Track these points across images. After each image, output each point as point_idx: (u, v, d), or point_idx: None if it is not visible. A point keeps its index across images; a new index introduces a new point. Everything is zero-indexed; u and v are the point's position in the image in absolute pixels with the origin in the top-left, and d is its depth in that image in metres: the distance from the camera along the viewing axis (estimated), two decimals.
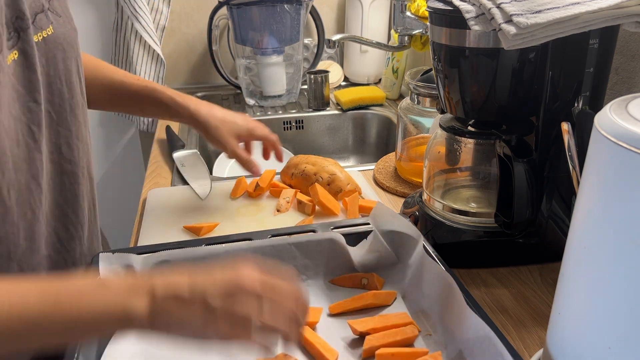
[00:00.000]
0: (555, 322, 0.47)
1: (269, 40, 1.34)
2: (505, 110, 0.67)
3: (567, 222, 0.68)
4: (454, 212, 0.74)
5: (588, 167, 0.42)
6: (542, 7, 0.53)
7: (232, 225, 0.84)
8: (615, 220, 0.38)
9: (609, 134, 0.38)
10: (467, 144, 0.75)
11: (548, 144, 0.67)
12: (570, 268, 0.45)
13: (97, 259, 0.60)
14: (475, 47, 0.63)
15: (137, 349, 0.56)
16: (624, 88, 0.76)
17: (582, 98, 0.64)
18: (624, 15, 0.54)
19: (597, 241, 0.40)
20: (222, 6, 1.37)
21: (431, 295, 0.59)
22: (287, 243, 0.65)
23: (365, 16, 1.47)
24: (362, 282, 0.65)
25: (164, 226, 0.84)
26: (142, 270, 0.61)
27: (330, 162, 0.94)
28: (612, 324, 0.40)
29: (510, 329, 0.62)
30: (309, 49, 1.58)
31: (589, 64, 0.62)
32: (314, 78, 1.36)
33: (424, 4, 1.13)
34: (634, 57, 0.74)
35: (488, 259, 0.73)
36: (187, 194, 0.94)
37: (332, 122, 1.40)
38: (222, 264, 0.46)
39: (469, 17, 0.58)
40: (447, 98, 0.71)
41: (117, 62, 1.47)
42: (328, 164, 0.92)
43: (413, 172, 0.97)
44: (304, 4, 1.34)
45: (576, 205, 0.44)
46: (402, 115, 0.99)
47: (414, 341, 0.57)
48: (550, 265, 0.73)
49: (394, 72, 1.43)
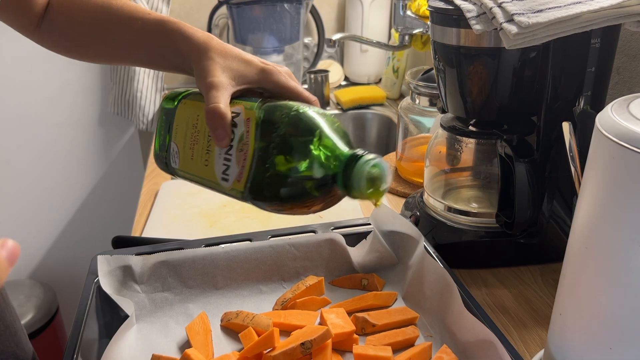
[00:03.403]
0: (556, 323, 0.47)
1: (268, 39, 1.34)
2: (507, 110, 0.67)
3: (569, 222, 0.68)
4: (454, 212, 0.74)
5: (589, 167, 0.41)
6: (544, 7, 0.53)
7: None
8: (616, 221, 0.38)
9: (611, 134, 0.38)
10: (468, 143, 0.75)
11: (549, 143, 0.67)
12: (572, 268, 0.44)
13: (95, 261, 0.60)
14: (477, 47, 0.63)
15: (137, 349, 0.55)
16: (625, 88, 0.76)
17: (584, 98, 0.63)
18: (626, 15, 0.54)
19: (599, 241, 0.40)
20: (221, 5, 1.36)
21: (432, 296, 0.59)
22: (286, 244, 0.65)
23: (365, 15, 1.47)
24: (362, 283, 0.65)
25: (170, 220, 0.84)
26: (140, 272, 0.61)
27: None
28: (613, 324, 0.40)
29: (511, 329, 0.62)
30: (309, 48, 1.57)
31: (591, 64, 0.62)
32: (314, 77, 1.36)
33: (425, 3, 1.13)
34: (635, 56, 0.74)
35: (489, 260, 0.73)
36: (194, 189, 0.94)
37: None
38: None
39: (470, 16, 0.57)
40: (448, 98, 0.70)
41: None
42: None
43: (414, 172, 0.97)
44: (304, 3, 1.34)
45: (577, 205, 0.43)
46: (402, 115, 0.99)
47: (414, 342, 0.57)
48: (552, 266, 0.72)
49: (395, 72, 1.43)
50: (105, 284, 0.58)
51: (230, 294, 0.63)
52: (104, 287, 0.58)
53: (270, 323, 0.56)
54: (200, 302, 0.62)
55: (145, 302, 0.60)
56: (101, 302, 0.59)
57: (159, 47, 0.56)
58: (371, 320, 0.58)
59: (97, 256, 0.60)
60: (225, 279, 0.63)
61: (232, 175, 0.48)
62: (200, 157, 0.52)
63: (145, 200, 0.95)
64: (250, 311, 0.59)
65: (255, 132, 0.47)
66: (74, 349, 0.52)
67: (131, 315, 0.56)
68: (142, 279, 0.61)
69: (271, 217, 0.86)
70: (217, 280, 0.63)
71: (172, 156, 0.55)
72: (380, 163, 0.43)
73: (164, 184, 0.98)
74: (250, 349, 0.53)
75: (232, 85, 0.51)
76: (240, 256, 0.63)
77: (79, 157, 1.62)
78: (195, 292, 0.62)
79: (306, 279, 0.63)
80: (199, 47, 0.53)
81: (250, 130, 0.47)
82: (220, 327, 0.59)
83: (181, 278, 0.62)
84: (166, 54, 0.56)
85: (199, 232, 0.83)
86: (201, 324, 0.57)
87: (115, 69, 1.46)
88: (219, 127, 0.48)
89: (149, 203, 0.94)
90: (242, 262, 0.63)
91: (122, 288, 0.60)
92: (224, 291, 0.63)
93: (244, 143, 0.47)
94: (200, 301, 0.62)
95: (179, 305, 0.61)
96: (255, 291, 0.64)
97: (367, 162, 0.43)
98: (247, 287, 0.64)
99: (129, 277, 0.60)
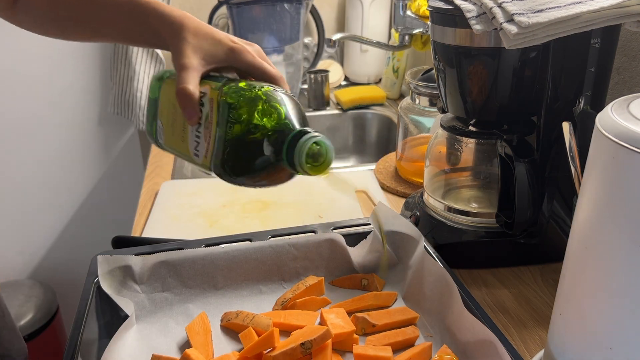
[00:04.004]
0: (556, 323, 0.47)
1: (268, 39, 1.34)
2: (507, 110, 0.67)
3: (569, 222, 0.68)
4: (454, 212, 0.73)
5: (589, 167, 0.41)
6: (544, 7, 0.53)
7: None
8: (616, 221, 0.38)
9: (611, 134, 0.38)
10: (468, 143, 0.75)
11: (549, 143, 0.66)
12: (572, 268, 0.44)
13: (95, 261, 0.60)
14: (477, 47, 0.63)
15: (137, 349, 0.55)
16: (625, 88, 0.76)
17: (584, 98, 0.63)
18: (626, 15, 0.54)
19: (599, 241, 0.40)
20: (221, 5, 1.36)
21: (432, 296, 0.59)
22: (286, 244, 0.65)
23: (365, 15, 1.47)
24: (362, 283, 0.65)
25: (171, 220, 0.84)
26: (140, 272, 0.61)
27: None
28: (613, 324, 0.40)
29: (511, 329, 0.62)
30: (309, 48, 1.57)
31: (591, 64, 0.62)
32: (314, 77, 1.36)
33: (425, 3, 1.13)
34: (635, 56, 0.74)
35: (489, 260, 0.73)
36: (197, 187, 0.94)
37: (332, 122, 1.40)
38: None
39: (470, 16, 0.57)
40: (448, 98, 0.70)
41: (117, 61, 1.46)
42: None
43: (414, 172, 0.97)
44: (304, 3, 1.34)
45: (577, 205, 0.43)
46: (402, 115, 0.99)
47: (414, 342, 0.57)
48: (552, 266, 0.72)
49: (395, 72, 1.43)
50: (105, 284, 0.58)
51: (230, 294, 0.63)
52: (103, 287, 0.58)
53: (270, 323, 0.56)
54: (200, 302, 0.62)
55: (145, 302, 0.60)
56: (101, 302, 0.59)
57: (136, 26, 0.57)
58: (371, 320, 0.58)
59: (97, 256, 0.60)
60: (225, 279, 0.63)
61: (201, 151, 0.52)
62: (179, 133, 0.56)
63: (145, 200, 0.95)
64: (250, 311, 0.59)
65: (217, 111, 0.50)
66: (74, 349, 0.52)
67: (131, 316, 0.56)
68: (142, 279, 0.61)
69: (271, 217, 0.86)
70: (217, 281, 0.63)
71: (159, 132, 0.59)
72: (322, 140, 0.47)
73: (164, 184, 0.98)
74: (250, 349, 0.53)
75: (202, 65, 0.53)
76: (240, 256, 0.63)
77: (79, 157, 1.62)
78: (195, 292, 0.62)
79: (306, 279, 0.63)
80: (174, 26, 0.54)
81: (213, 110, 0.51)
82: (220, 327, 0.59)
83: (181, 278, 0.62)
84: (143, 32, 0.57)
85: (199, 232, 0.83)
86: (201, 324, 0.57)
87: (116, 69, 1.46)
88: (187, 106, 0.51)
89: (149, 203, 0.94)
90: (242, 262, 0.63)
91: (122, 288, 0.60)
92: (224, 291, 0.63)
93: (209, 121, 0.51)
94: (200, 301, 0.62)
95: (178, 305, 0.61)
96: (255, 291, 0.64)
97: (310, 139, 0.46)
98: (247, 287, 0.64)
99: (128, 277, 0.60)
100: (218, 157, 0.50)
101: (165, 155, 1.14)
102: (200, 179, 1.02)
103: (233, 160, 0.49)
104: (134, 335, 0.56)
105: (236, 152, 0.49)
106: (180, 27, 0.54)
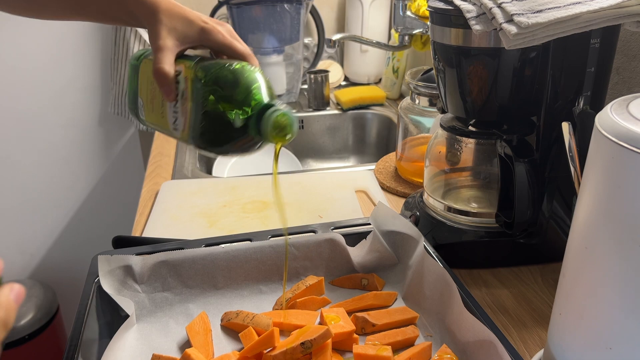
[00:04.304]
0: (556, 323, 0.47)
1: (268, 39, 1.34)
2: (506, 110, 0.67)
3: (568, 222, 0.68)
4: (454, 212, 0.74)
5: (589, 167, 0.41)
6: (543, 7, 0.53)
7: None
8: (616, 221, 0.38)
9: (610, 134, 0.38)
10: (467, 143, 0.75)
11: (549, 144, 0.67)
12: (571, 268, 0.44)
13: (95, 261, 0.60)
14: (476, 47, 0.63)
15: (137, 349, 0.55)
16: (624, 88, 0.76)
17: (583, 98, 0.64)
18: (625, 15, 0.54)
19: (598, 241, 0.40)
20: (221, 6, 1.36)
21: (432, 296, 0.59)
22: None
23: (365, 16, 1.47)
24: (362, 283, 0.65)
25: (171, 220, 0.84)
26: (140, 272, 0.61)
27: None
28: (613, 324, 0.40)
29: (511, 329, 0.62)
30: (309, 48, 1.58)
31: (590, 64, 0.62)
32: (314, 78, 1.36)
33: (425, 3, 1.13)
34: (635, 57, 0.74)
35: (489, 260, 0.73)
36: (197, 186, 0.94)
37: (332, 122, 1.40)
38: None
39: (469, 16, 0.58)
40: (448, 98, 0.71)
41: (117, 61, 1.47)
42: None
43: (413, 172, 0.97)
44: (304, 3, 1.34)
45: (577, 205, 0.43)
46: (402, 115, 0.99)
47: (414, 342, 0.57)
48: (551, 266, 0.73)
49: (394, 72, 1.43)
50: (105, 283, 0.58)
51: (230, 293, 0.63)
52: (104, 287, 0.58)
53: (270, 323, 0.56)
54: (200, 302, 0.62)
55: (145, 302, 0.60)
56: (101, 302, 0.59)
57: (113, 6, 0.60)
58: (371, 320, 0.58)
59: (98, 256, 0.61)
60: (225, 279, 0.63)
61: (179, 126, 0.57)
62: (158, 109, 0.60)
63: (145, 200, 0.95)
64: (251, 311, 0.59)
65: (192, 88, 0.54)
66: (74, 349, 0.52)
67: (131, 315, 0.56)
68: (142, 278, 0.61)
69: (271, 217, 0.86)
70: (217, 280, 0.63)
71: (140, 109, 0.63)
72: (288, 113, 0.51)
73: (164, 184, 0.98)
74: (250, 349, 0.53)
75: (177, 45, 0.57)
76: (240, 256, 0.63)
77: (79, 157, 1.62)
78: (195, 292, 0.62)
79: (306, 279, 0.63)
80: (148, 8, 0.57)
81: (188, 86, 0.55)
82: (220, 327, 0.59)
83: (181, 278, 0.62)
84: (120, 12, 0.60)
85: (199, 232, 0.83)
86: (201, 323, 0.57)
87: (116, 69, 1.46)
88: (164, 84, 0.55)
89: (149, 203, 0.94)
90: (242, 262, 0.63)
91: (122, 288, 0.60)
92: (224, 291, 0.63)
93: (185, 98, 0.55)
94: (200, 301, 0.62)
95: (179, 305, 0.61)
96: (255, 291, 0.64)
97: (277, 110, 0.50)
98: (247, 287, 0.64)
99: (129, 277, 0.60)
100: (195, 130, 0.54)
101: (165, 156, 1.14)
102: (201, 179, 1.02)
103: (208, 132, 0.53)
104: (134, 335, 0.57)
105: (210, 125, 0.53)
106: (155, 8, 0.57)
